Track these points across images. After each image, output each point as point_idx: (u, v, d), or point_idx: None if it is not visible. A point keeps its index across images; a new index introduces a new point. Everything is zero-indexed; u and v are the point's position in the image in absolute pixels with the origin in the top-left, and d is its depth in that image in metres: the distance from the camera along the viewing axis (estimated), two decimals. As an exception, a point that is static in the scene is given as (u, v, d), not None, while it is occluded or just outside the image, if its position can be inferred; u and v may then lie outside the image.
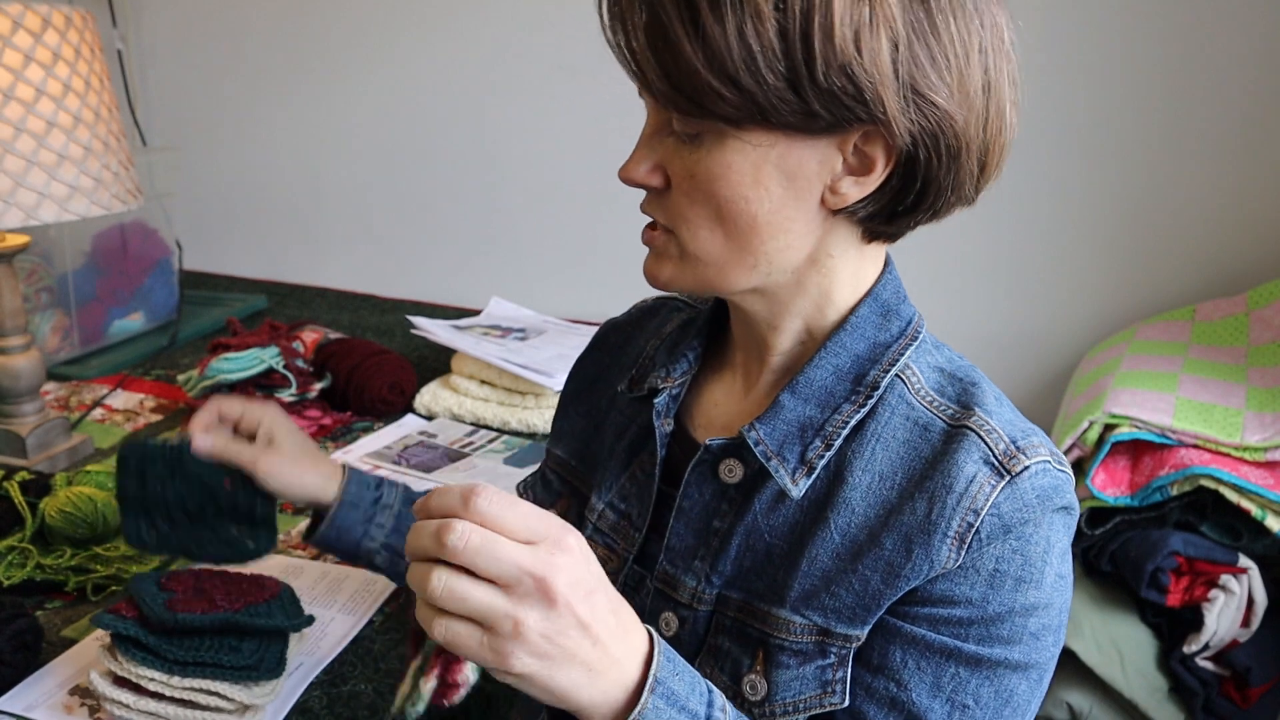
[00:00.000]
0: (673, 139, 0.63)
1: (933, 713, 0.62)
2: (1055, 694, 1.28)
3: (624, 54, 0.60)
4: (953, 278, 1.83)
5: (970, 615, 0.62)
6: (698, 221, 0.63)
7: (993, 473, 0.62)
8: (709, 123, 0.59)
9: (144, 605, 0.87)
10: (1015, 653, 0.62)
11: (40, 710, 0.90)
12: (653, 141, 0.64)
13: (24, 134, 1.19)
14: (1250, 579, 1.22)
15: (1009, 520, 0.61)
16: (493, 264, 2.15)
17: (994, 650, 0.62)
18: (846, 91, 0.57)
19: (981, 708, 0.62)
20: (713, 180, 0.61)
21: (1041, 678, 0.65)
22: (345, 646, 1.00)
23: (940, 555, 0.61)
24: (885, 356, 0.67)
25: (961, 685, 0.62)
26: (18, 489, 1.13)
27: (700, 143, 0.61)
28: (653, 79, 0.59)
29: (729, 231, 0.62)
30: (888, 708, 0.63)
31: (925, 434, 0.65)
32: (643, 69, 0.59)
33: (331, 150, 2.23)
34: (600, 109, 1.89)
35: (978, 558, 0.61)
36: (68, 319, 1.74)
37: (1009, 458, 0.62)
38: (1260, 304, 1.56)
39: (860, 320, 0.67)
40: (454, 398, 1.58)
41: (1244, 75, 1.60)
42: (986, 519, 0.61)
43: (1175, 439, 1.28)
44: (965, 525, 0.61)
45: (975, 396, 0.65)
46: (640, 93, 0.64)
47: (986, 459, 0.62)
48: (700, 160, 0.61)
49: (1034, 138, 1.73)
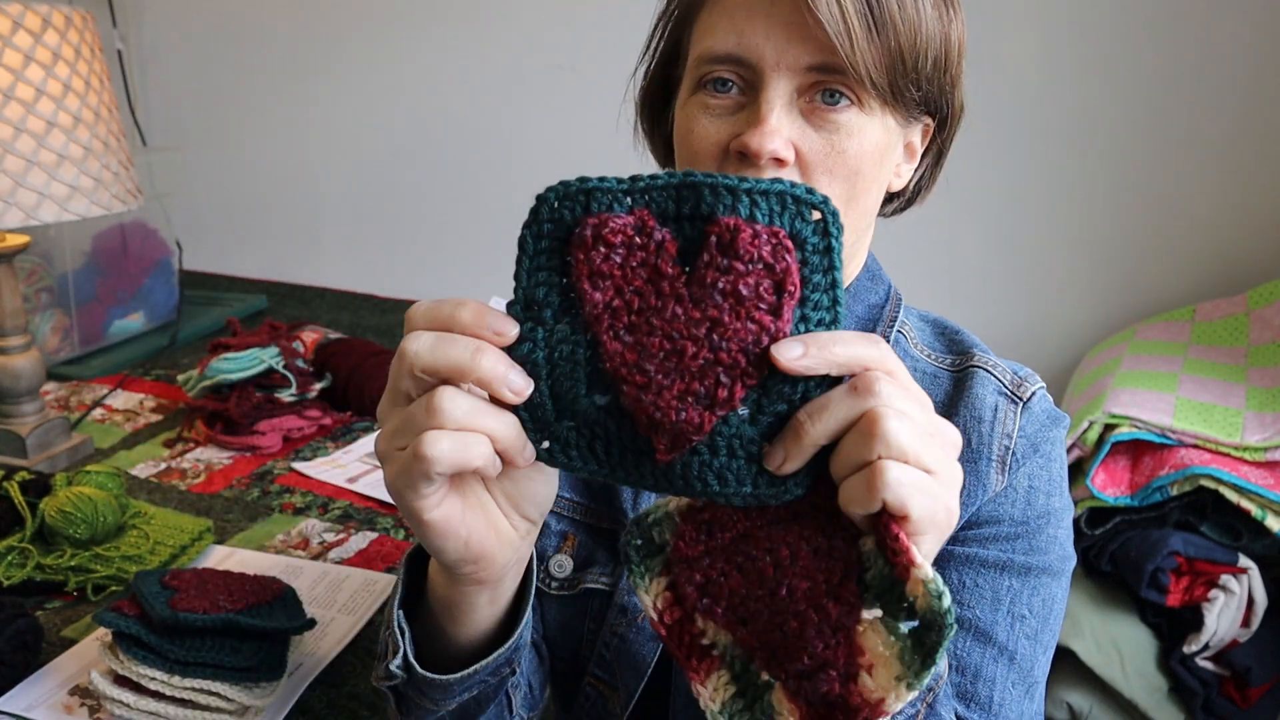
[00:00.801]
0: (799, 116, 0.62)
1: (997, 626, 0.68)
2: (1055, 694, 1.28)
3: (833, 20, 0.59)
4: (953, 278, 1.83)
5: (1015, 530, 0.69)
6: (832, 199, 0.64)
7: (1009, 401, 0.70)
8: (873, 103, 0.62)
9: (146, 604, 0.87)
10: (1052, 560, 0.70)
11: (40, 710, 0.89)
12: (783, 113, 0.62)
13: (24, 134, 1.19)
14: (1250, 579, 1.22)
15: (1034, 439, 0.70)
16: (493, 264, 2.14)
17: (1035, 559, 0.69)
18: (944, 90, 0.66)
19: (1034, 616, 0.69)
20: (862, 157, 0.63)
21: (1067, 585, 0.73)
22: (345, 646, 1.00)
23: (989, 479, 0.68)
24: (883, 316, 0.74)
25: (1016, 596, 0.69)
26: (18, 489, 1.13)
27: (843, 119, 0.62)
28: (865, 55, 0.60)
29: (855, 208, 0.65)
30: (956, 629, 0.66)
31: (935, 380, 0.72)
32: (855, 42, 0.59)
33: (332, 150, 2.23)
34: (601, 108, 1.88)
35: (1015, 477, 0.69)
36: (68, 319, 1.74)
37: (1017, 385, 0.71)
38: (1260, 304, 1.56)
39: (858, 286, 0.74)
40: (454, 398, 1.58)
41: (1244, 75, 1.60)
42: (1018, 441, 0.69)
43: (1175, 439, 1.28)
44: (1004, 449, 0.69)
45: (966, 341, 0.75)
46: (746, 59, 0.62)
47: (1000, 390, 0.71)
48: (851, 136, 0.63)
49: (1033, 138, 1.73)
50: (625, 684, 0.74)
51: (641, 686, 0.73)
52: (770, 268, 0.46)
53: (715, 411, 0.46)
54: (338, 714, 0.92)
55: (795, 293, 0.46)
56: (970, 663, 0.67)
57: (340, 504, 1.29)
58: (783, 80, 0.61)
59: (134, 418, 1.55)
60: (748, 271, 0.45)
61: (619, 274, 0.47)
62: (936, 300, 1.84)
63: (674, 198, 0.47)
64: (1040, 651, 0.70)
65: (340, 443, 1.47)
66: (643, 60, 0.73)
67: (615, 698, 0.75)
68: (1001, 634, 0.68)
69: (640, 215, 0.47)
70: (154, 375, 1.72)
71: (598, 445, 0.49)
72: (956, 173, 0.78)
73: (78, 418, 1.53)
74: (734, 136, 0.62)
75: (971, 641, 0.68)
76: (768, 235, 0.46)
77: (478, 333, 0.48)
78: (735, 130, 0.63)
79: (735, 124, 0.63)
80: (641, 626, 0.73)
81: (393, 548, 1.19)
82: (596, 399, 0.48)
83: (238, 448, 1.43)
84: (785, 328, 0.46)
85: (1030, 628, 0.69)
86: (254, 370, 1.47)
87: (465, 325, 0.48)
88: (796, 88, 0.62)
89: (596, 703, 0.76)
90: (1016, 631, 0.69)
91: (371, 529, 1.23)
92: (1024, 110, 1.71)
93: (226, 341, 1.52)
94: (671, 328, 0.46)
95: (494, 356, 0.48)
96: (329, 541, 1.20)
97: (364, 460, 1.42)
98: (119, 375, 1.71)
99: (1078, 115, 1.70)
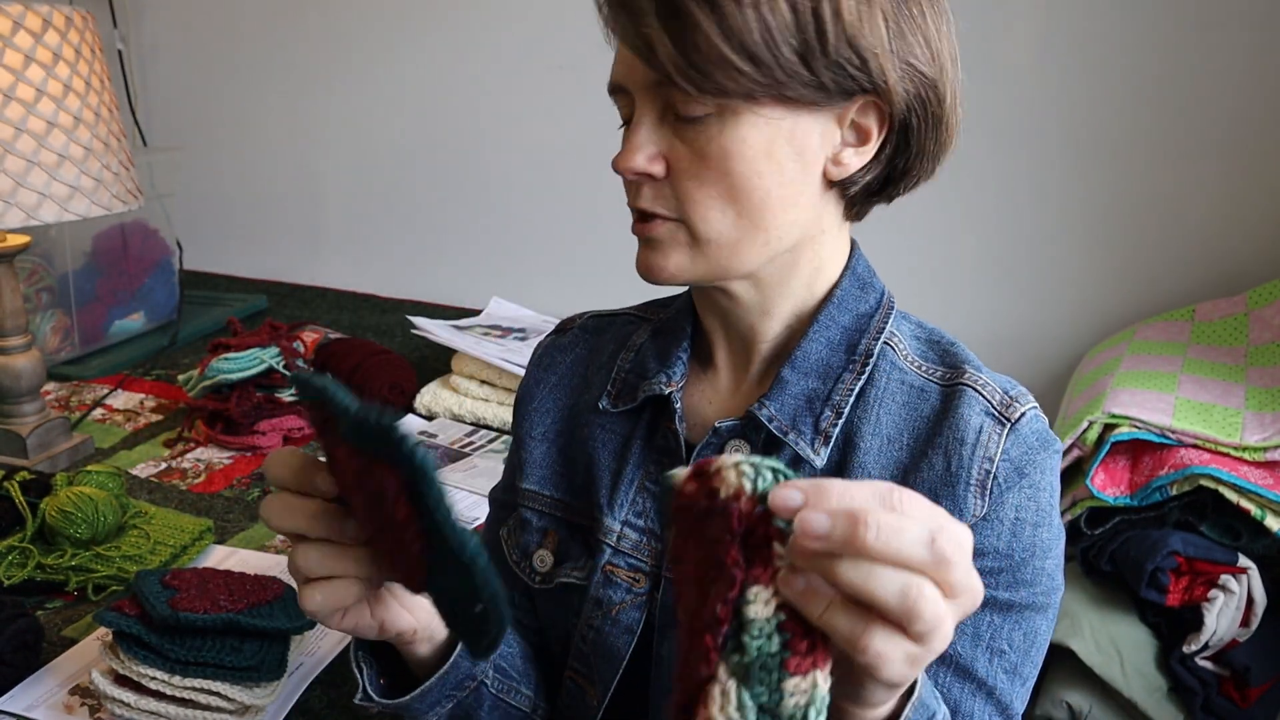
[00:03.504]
0: (669, 126, 0.63)
1: (976, 662, 0.66)
2: (1055, 694, 1.28)
3: (634, 36, 0.60)
4: (952, 278, 1.83)
5: (998, 564, 0.66)
6: (707, 203, 0.63)
7: (995, 422, 0.66)
8: (722, 100, 0.60)
9: (147, 603, 0.87)
10: (1037, 593, 0.67)
11: (41, 710, 0.90)
12: (648, 130, 0.63)
13: (24, 134, 1.19)
14: (1250, 579, 1.22)
15: (1019, 464, 0.66)
16: (493, 264, 2.15)
17: (1020, 594, 0.66)
18: (852, 63, 0.60)
19: (1015, 651, 0.67)
20: (727, 158, 0.62)
21: (1054, 616, 0.70)
22: (345, 646, 1.00)
23: (968, 504, 0.65)
24: (870, 326, 0.70)
25: (996, 631, 0.66)
26: (18, 489, 1.13)
27: (705, 124, 0.61)
28: (667, 59, 0.59)
29: (741, 209, 0.63)
30: (935, 664, 0.65)
31: (922, 395, 0.69)
32: (655, 49, 0.59)
33: (331, 150, 2.23)
34: (600, 108, 1.89)
35: (999, 506, 0.65)
36: (68, 319, 1.74)
37: (1005, 406, 0.67)
38: (1260, 304, 1.56)
39: (844, 294, 0.71)
40: (454, 398, 1.58)
41: (1244, 75, 1.60)
42: (1000, 465, 0.65)
43: (1175, 439, 1.28)
44: (984, 473, 0.65)
45: (959, 356, 0.70)
46: (621, 85, 0.64)
47: (987, 410, 0.67)
48: (712, 140, 0.61)
49: (1033, 137, 1.73)
50: (602, 676, 0.73)
51: (616, 679, 0.72)
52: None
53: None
54: (338, 714, 0.92)
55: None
56: (950, 697, 0.66)
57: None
58: (645, 99, 0.63)
59: (134, 418, 1.55)
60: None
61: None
62: (935, 301, 1.84)
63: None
64: (1019, 685, 0.68)
65: (340, 443, 1.47)
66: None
67: (592, 691, 0.75)
68: (980, 669, 0.66)
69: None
70: (154, 375, 1.72)
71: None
72: (956, 173, 0.78)
73: (78, 418, 1.53)
74: None
75: (951, 676, 0.66)
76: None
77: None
78: None
79: None
80: (615, 619, 0.72)
81: (393, 547, 1.19)
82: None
83: (238, 448, 1.43)
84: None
85: (1009, 662, 0.67)
86: (254, 370, 1.47)
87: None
88: (666, 104, 0.62)
89: (576, 696, 0.76)
90: (995, 667, 0.67)
91: (372, 529, 1.23)
92: (1023, 110, 1.71)
93: (227, 341, 1.52)
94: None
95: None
96: (329, 541, 1.20)
97: (364, 460, 1.42)
98: (119, 375, 1.71)
99: (1077, 115, 1.70)
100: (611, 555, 0.73)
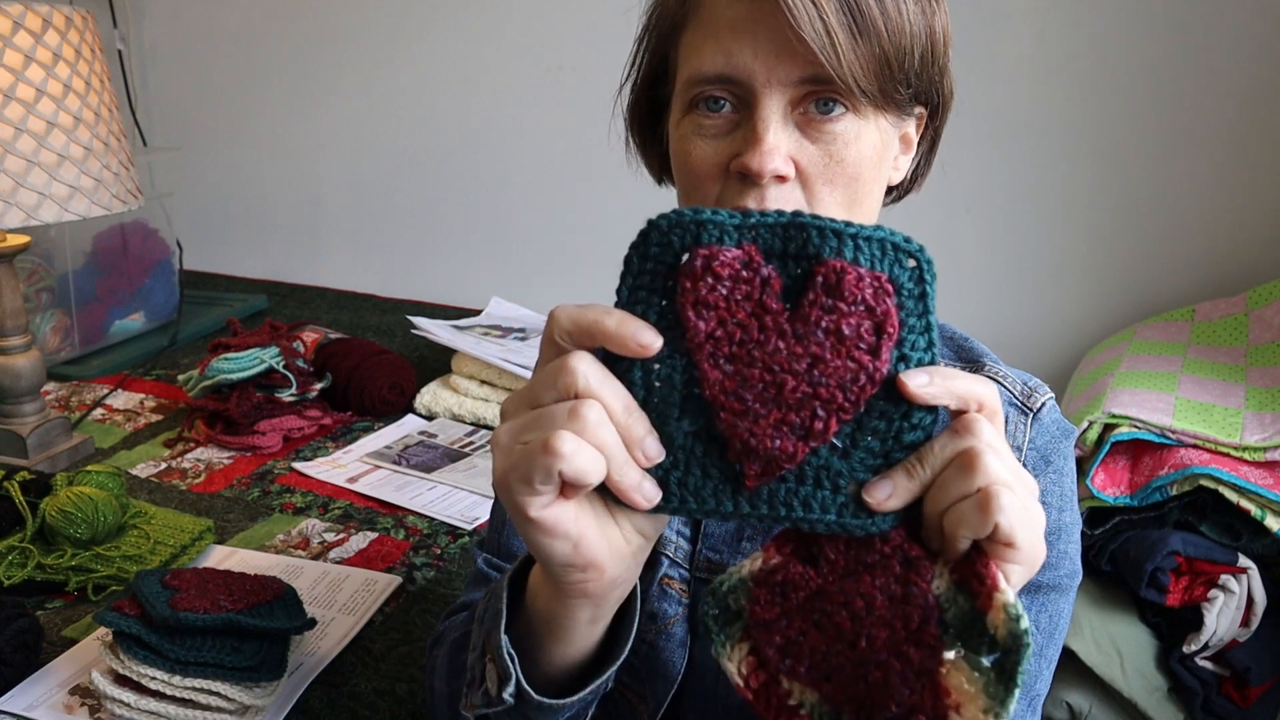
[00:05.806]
0: (794, 130, 0.61)
1: None
2: (1055, 694, 1.28)
3: (814, 34, 0.58)
4: (952, 278, 1.82)
5: None
6: (834, 207, 0.63)
7: (1019, 413, 0.70)
8: (867, 108, 0.62)
9: (146, 603, 0.87)
10: (1061, 575, 0.70)
11: (41, 710, 0.90)
12: (778, 129, 0.61)
13: (24, 134, 1.19)
14: (1250, 579, 1.22)
15: (1044, 451, 0.69)
16: (493, 264, 2.15)
17: (1044, 575, 0.68)
18: (933, 81, 0.65)
19: (1040, 632, 0.69)
20: (860, 163, 0.62)
21: (1073, 599, 0.72)
22: (345, 646, 1.00)
23: None
24: None
25: None
26: (18, 489, 1.13)
27: (838, 127, 0.61)
28: (849, 64, 0.59)
29: (858, 212, 0.64)
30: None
31: None
32: (839, 53, 0.58)
33: (331, 150, 2.23)
34: (600, 109, 1.88)
35: None
36: (68, 319, 1.74)
37: (1027, 397, 0.71)
38: (1260, 304, 1.56)
39: None
40: (454, 398, 1.58)
41: (1243, 75, 1.60)
42: (1028, 453, 0.69)
43: (1175, 439, 1.28)
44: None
45: (976, 350, 0.74)
46: (737, 78, 0.61)
47: (1011, 401, 0.70)
48: (848, 144, 0.62)
49: (1033, 137, 1.73)
50: (654, 692, 0.73)
51: (670, 695, 0.72)
52: (871, 310, 0.47)
53: (808, 443, 0.48)
54: (338, 714, 0.92)
55: (894, 335, 0.48)
56: None
57: (340, 504, 1.29)
58: (775, 96, 0.60)
59: (134, 418, 1.55)
60: (850, 312, 0.47)
61: (724, 305, 0.48)
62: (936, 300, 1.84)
63: (781, 236, 0.48)
64: (1044, 666, 0.70)
65: (340, 443, 1.47)
66: (627, 78, 0.72)
67: (643, 706, 0.74)
68: None
69: (748, 250, 0.48)
70: (154, 375, 1.72)
71: (680, 475, 0.50)
72: (956, 172, 0.78)
73: (78, 418, 1.53)
74: (733, 157, 0.61)
75: None
76: (870, 279, 0.47)
77: (623, 343, 0.48)
78: (733, 150, 0.62)
79: (732, 144, 0.62)
80: (670, 633, 0.72)
81: (393, 547, 1.19)
82: (685, 424, 0.49)
83: (238, 448, 1.43)
84: (883, 367, 0.47)
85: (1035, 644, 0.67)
86: (254, 370, 1.47)
87: (609, 332, 0.48)
88: (789, 101, 0.60)
89: (624, 710, 0.75)
90: None
91: (372, 529, 1.23)
92: (1023, 110, 1.71)
93: (227, 341, 1.52)
94: (773, 360, 0.48)
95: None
96: (329, 541, 1.20)
97: (364, 460, 1.42)
98: (119, 375, 1.71)
99: (1077, 115, 1.70)
100: (668, 567, 0.73)
